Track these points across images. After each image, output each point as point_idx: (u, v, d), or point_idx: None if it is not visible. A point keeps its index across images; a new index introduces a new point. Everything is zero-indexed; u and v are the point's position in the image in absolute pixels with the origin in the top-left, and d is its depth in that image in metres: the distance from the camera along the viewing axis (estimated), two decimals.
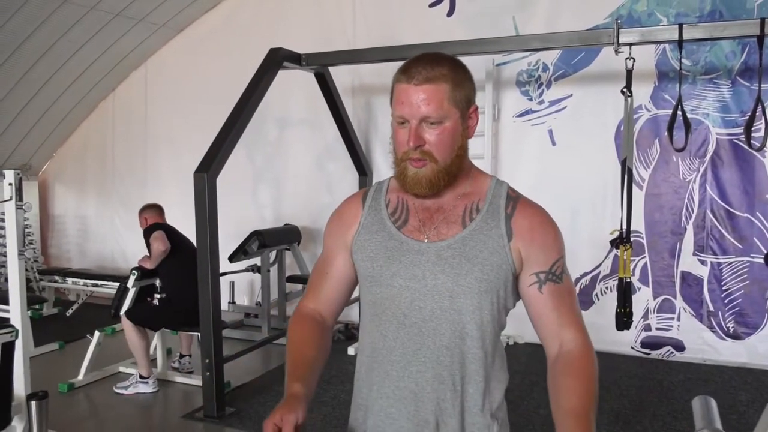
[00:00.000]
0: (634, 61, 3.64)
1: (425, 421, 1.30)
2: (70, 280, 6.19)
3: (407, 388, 1.31)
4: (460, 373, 1.30)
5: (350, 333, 5.38)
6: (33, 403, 2.26)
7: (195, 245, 3.89)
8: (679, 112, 3.59)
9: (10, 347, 2.65)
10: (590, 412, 1.19)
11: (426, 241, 1.32)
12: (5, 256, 6.33)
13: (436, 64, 1.27)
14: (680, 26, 3.59)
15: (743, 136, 4.09)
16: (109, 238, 7.31)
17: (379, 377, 1.34)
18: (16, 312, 3.04)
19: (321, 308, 1.46)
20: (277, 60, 4.42)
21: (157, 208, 4.66)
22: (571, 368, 1.26)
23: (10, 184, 2.97)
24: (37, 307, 6.17)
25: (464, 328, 1.29)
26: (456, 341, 1.29)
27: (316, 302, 1.46)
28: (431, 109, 1.25)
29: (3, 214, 6.19)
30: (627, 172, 3.73)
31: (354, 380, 1.45)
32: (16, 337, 2.70)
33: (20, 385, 3.01)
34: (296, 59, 4.62)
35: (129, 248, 6.97)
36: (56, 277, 6.29)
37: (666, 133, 3.90)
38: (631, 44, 3.69)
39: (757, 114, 3.50)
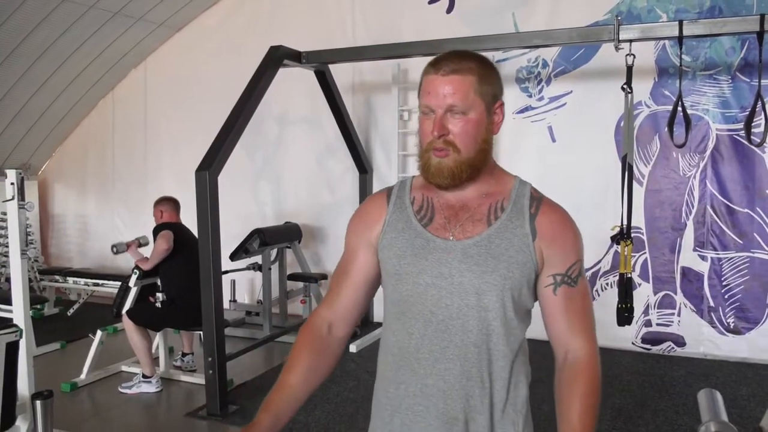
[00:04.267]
0: (634, 57, 3.64)
1: (454, 418, 1.31)
2: (70, 279, 6.20)
3: (435, 386, 1.32)
4: (487, 369, 1.31)
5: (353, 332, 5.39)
6: (38, 403, 2.26)
7: None
8: (680, 108, 3.60)
9: (14, 347, 2.66)
10: (588, 429, 1.27)
11: (452, 238, 1.32)
12: (6, 256, 6.40)
13: (464, 58, 1.30)
14: (680, 23, 3.60)
15: (743, 131, 4.10)
16: (110, 237, 7.27)
17: (407, 375, 1.35)
18: (19, 312, 3.04)
19: (332, 314, 1.45)
20: (277, 58, 4.42)
21: (173, 203, 4.62)
22: (575, 382, 1.31)
23: (12, 184, 2.97)
24: (38, 306, 6.16)
25: (490, 324, 1.30)
26: (483, 338, 1.30)
27: (329, 308, 1.46)
28: (457, 98, 1.27)
29: (3, 213, 6.27)
30: (627, 169, 3.73)
31: (376, 380, 1.45)
32: (21, 336, 2.70)
33: (24, 385, 3.02)
34: (296, 57, 4.62)
35: None
36: (57, 277, 6.30)
37: (666, 129, 3.91)
38: (631, 41, 3.70)
39: (757, 109, 3.51)
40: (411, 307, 1.34)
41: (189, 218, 4.40)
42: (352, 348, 4.96)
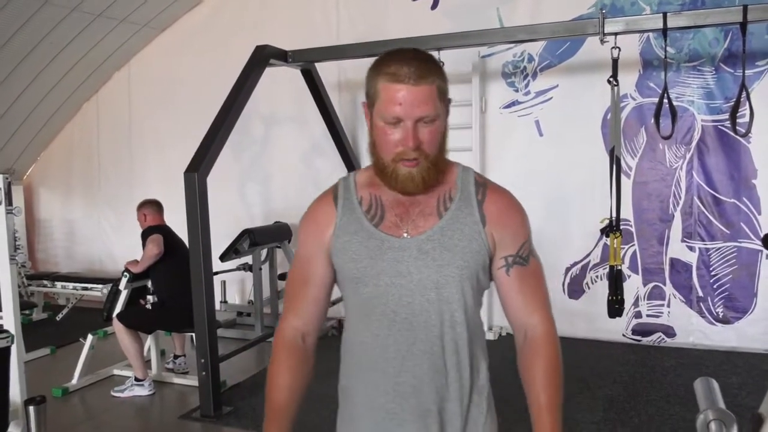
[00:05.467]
0: (619, 50, 3.67)
1: (427, 410, 1.33)
2: (58, 284, 6.16)
3: (406, 383, 1.33)
4: (453, 359, 1.34)
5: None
6: (31, 408, 2.24)
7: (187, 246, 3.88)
8: (665, 100, 3.63)
9: (5, 353, 2.63)
10: (556, 404, 1.33)
11: (406, 236, 1.33)
12: None
13: (423, 61, 1.27)
14: (664, 15, 3.63)
15: (728, 122, 4.15)
16: (97, 241, 7.25)
17: (376, 375, 1.36)
18: (9, 317, 3.01)
19: (303, 325, 1.44)
20: (263, 57, 4.41)
21: (156, 205, 4.60)
22: (535, 358, 1.35)
23: None
24: (26, 312, 6.11)
25: (452, 316, 1.33)
26: (446, 330, 1.33)
27: (299, 318, 1.44)
28: (427, 109, 1.26)
29: None
30: (615, 161, 3.76)
31: (341, 382, 1.45)
32: (12, 342, 2.68)
33: (16, 391, 2.99)
34: (282, 56, 4.61)
35: (117, 250, 6.92)
36: (45, 282, 6.26)
37: (652, 121, 3.94)
38: (616, 34, 3.73)
39: (742, 100, 3.54)
40: (374, 308, 1.34)
41: (178, 220, 4.37)
42: None
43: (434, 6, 5.41)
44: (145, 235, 4.44)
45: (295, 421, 1.43)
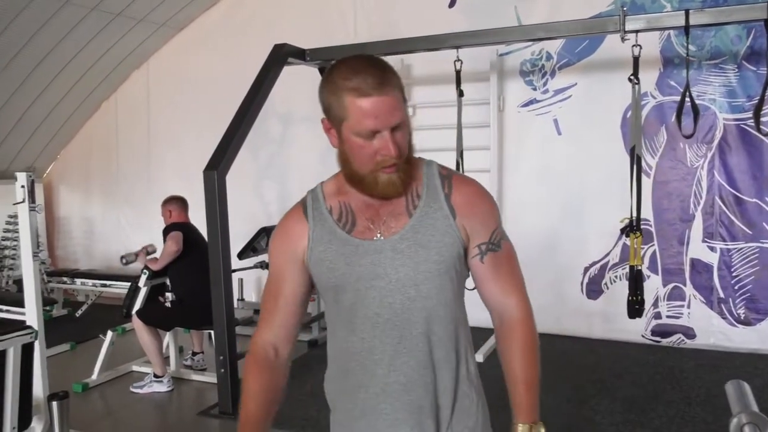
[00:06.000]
0: (640, 48, 3.63)
1: (420, 406, 1.35)
2: (78, 281, 6.21)
3: (397, 382, 1.35)
4: (439, 353, 1.36)
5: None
6: (54, 404, 2.27)
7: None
8: (687, 99, 3.59)
9: (29, 348, 2.66)
10: (533, 380, 1.35)
11: (379, 237, 1.34)
12: (13, 258, 6.40)
13: (380, 69, 1.27)
14: (687, 12, 3.59)
15: (751, 120, 4.09)
16: (115, 238, 7.30)
17: (365, 378, 1.37)
18: (32, 313, 3.04)
19: (275, 338, 1.44)
20: (281, 56, 4.42)
21: (181, 202, 4.62)
22: (512, 339, 1.37)
23: (23, 187, 2.97)
24: (47, 308, 6.17)
25: (434, 311, 1.34)
26: (429, 326, 1.34)
27: (271, 331, 1.44)
28: (399, 116, 1.27)
29: (10, 217, 6.27)
30: (636, 160, 3.73)
31: (327, 390, 1.47)
32: (36, 338, 2.71)
33: (38, 386, 3.02)
34: (300, 55, 4.62)
35: (135, 248, 6.93)
36: (64, 279, 6.31)
37: (674, 120, 3.90)
38: (637, 31, 3.69)
39: (766, 98, 3.49)
40: (356, 313, 1.35)
41: (195, 217, 4.40)
42: None
43: (452, 4, 5.40)
44: (167, 232, 4.47)
45: (266, 429, 1.43)
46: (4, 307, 4.74)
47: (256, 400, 1.42)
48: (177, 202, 4.58)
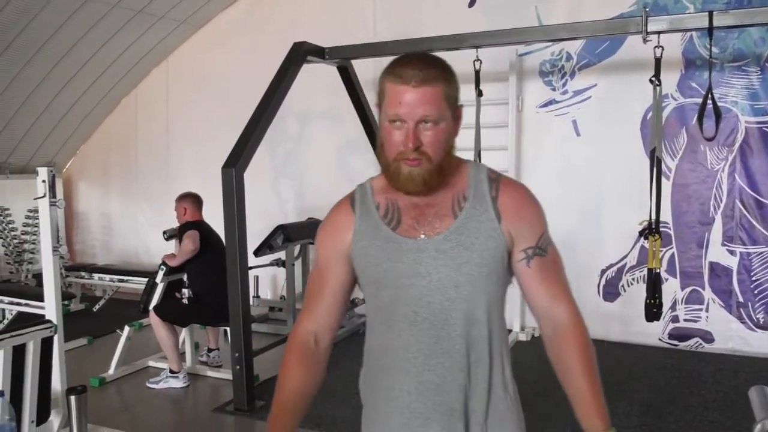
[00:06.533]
0: (662, 49, 3.59)
1: (451, 409, 1.34)
2: (96, 275, 6.27)
3: (430, 381, 1.34)
4: (475, 356, 1.35)
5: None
6: (72, 398, 2.28)
7: (223, 241, 3.92)
8: (709, 101, 3.55)
9: (48, 342, 2.69)
10: (598, 387, 1.32)
11: (423, 237, 1.35)
12: (33, 252, 6.47)
13: (430, 65, 1.29)
14: (710, 13, 3.54)
15: None
16: (133, 234, 7.37)
17: (400, 376, 1.37)
18: (51, 308, 3.07)
19: (317, 327, 1.46)
20: (300, 54, 4.43)
21: (196, 199, 4.63)
22: (567, 345, 1.36)
23: (44, 182, 3.00)
24: (65, 302, 6.22)
25: (473, 314, 1.34)
26: (467, 328, 1.34)
27: (314, 321, 1.46)
28: (429, 110, 1.27)
29: (30, 211, 6.34)
30: (656, 162, 3.69)
31: (363, 384, 1.48)
32: (55, 332, 2.73)
33: (56, 380, 3.05)
34: (320, 53, 4.62)
35: (153, 244, 7.02)
36: (82, 273, 6.37)
37: (695, 122, 3.86)
38: (659, 32, 3.65)
39: None
40: (395, 310, 1.36)
41: (213, 215, 4.42)
42: None
43: (471, 4, 5.38)
44: (182, 230, 4.50)
45: (300, 420, 1.45)
46: (24, 301, 4.79)
47: (292, 388, 1.43)
48: (192, 200, 4.60)
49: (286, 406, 1.43)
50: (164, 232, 5.04)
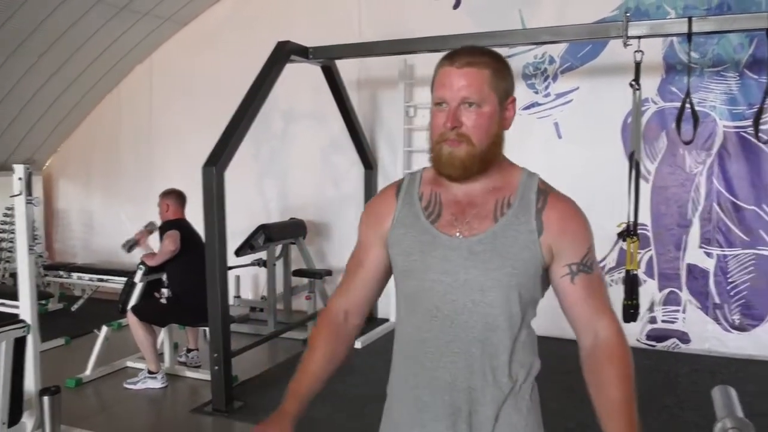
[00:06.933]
0: (642, 54, 3.63)
1: (458, 409, 1.35)
2: (75, 275, 6.20)
3: (441, 378, 1.35)
4: (490, 363, 1.34)
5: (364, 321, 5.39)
6: (45, 399, 2.27)
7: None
8: (687, 105, 3.59)
9: (21, 342, 2.66)
10: (633, 400, 1.31)
11: (458, 235, 1.34)
12: (10, 251, 6.39)
13: (479, 52, 1.33)
14: (689, 19, 3.58)
15: (751, 128, 4.09)
16: (115, 233, 7.26)
17: (416, 367, 1.39)
18: (26, 307, 3.04)
19: (348, 304, 1.51)
20: (284, 53, 4.41)
21: (180, 197, 4.59)
22: (610, 358, 1.34)
23: (20, 179, 2.97)
24: (42, 302, 6.16)
25: (495, 320, 1.33)
26: (487, 333, 1.33)
27: (346, 298, 1.51)
28: (471, 91, 1.28)
29: (8, 209, 6.26)
30: (635, 165, 3.72)
31: (391, 368, 1.50)
32: (28, 332, 2.70)
33: (30, 381, 3.02)
34: (303, 52, 4.61)
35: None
36: (61, 272, 6.30)
37: (673, 126, 3.90)
38: (640, 37, 3.68)
39: (766, 106, 3.49)
40: (419, 302, 1.37)
41: (195, 213, 4.39)
42: (357, 344, 4.95)
43: (456, 5, 5.39)
44: (164, 229, 4.46)
45: (317, 388, 1.49)
46: None
47: (318, 359, 1.48)
48: (175, 197, 4.57)
49: (309, 371, 1.47)
50: (123, 246, 4.72)
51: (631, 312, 3.72)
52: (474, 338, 1.33)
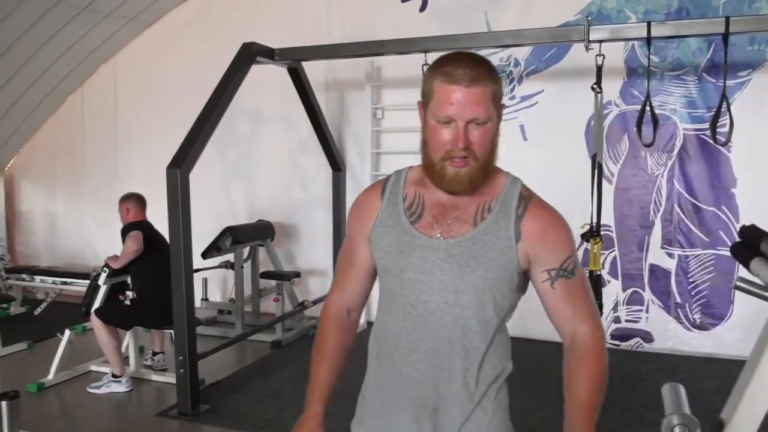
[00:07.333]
0: (604, 57, 3.69)
1: (423, 404, 1.39)
2: (38, 278, 6.09)
3: (408, 374, 1.39)
4: (460, 364, 1.36)
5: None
6: (3, 404, 2.22)
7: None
8: (648, 108, 3.66)
9: None
10: (595, 405, 1.35)
11: (438, 237, 1.37)
12: None
13: (478, 64, 1.31)
14: (648, 24, 3.66)
15: (709, 131, 4.19)
16: (79, 235, 7.19)
17: (386, 361, 1.44)
18: None
19: (348, 301, 1.56)
20: (250, 55, 4.40)
21: (139, 200, 4.54)
22: (583, 362, 1.37)
23: None
24: (4, 306, 6.04)
25: (468, 323, 1.35)
26: (458, 334, 1.36)
27: (343, 294, 1.56)
28: (479, 111, 1.28)
29: None
30: (597, 167, 3.79)
31: (367, 362, 1.53)
32: None
33: None
34: (269, 54, 4.60)
35: (99, 245, 6.88)
36: (23, 276, 6.17)
37: (635, 129, 3.98)
38: (601, 41, 3.75)
39: (723, 110, 3.59)
40: (395, 299, 1.41)
41: (160, 215, 4.35)
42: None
43: (423, 8, 5.43)
44: (126, 231, 4.41)
45: (331, 390, 1.53)
46: None
47: (331, 359, 1.52)
48: (135, 200, 4.52)
49: (325, 371, 1.51)
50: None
51: None
52: (445, 338, 1.35)
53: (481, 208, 1.37)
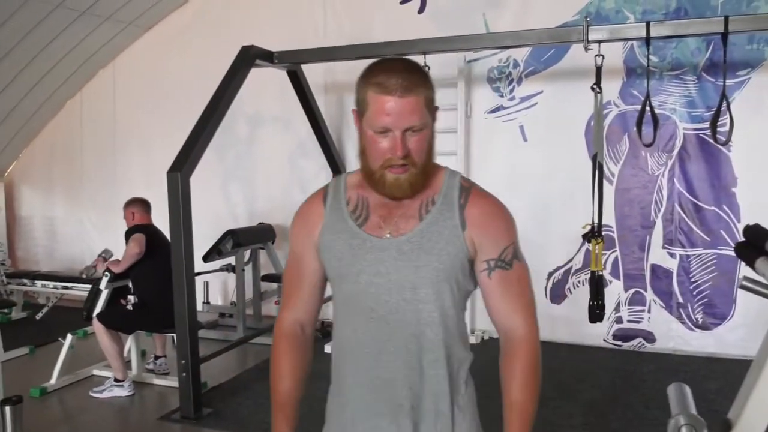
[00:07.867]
0: (603, 58, 3.70)
1: (399, 405, 1.38)
2: (39, 282, 6.09)
3: (380, 377, 1.38)
4: (427, 358, 1.37)
5: (326, 331, 5.37)
6: (7, 409, 2.22)
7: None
8: (648, 108, 3.67)
9: None
10: (528, 403, 1.36)
11: (388, 236, 1.37)
12: None
13: (410, 73, 1.31)
14: (647, 24, 3.68)
15: (709, 130, 4.20)
16: (79, 240, 7.18)
17: (353, 369, 1.42)
18: None
19: (301, 317, 1.52)
20: (249, 58, 4.40)
21: (144, 204, 4.54)
22: (514, 358, 1.38)
23: None
24: (5, 311, 6.04)
25: (429, 316, 1.36)
26: (421, 329, 1.37)
27: (295, 311, 1.52)
28: (415, 119, 1.30)
29: None
30: (598, 167, 3.79)
31: (331, 374, 1.52)
32: None
33: None
34: (268, 57, 4.60)
35: (99, 249, 6.77)
36: (24, 280, 6.17)
37: (635, 129, 3.98)
38: (600, 41, 3.76)
39: (722, 109, 3.59)
40: (354, 305, 1.40)
41: (160, 220, 4.35)
42: (327, 349, 4.94)
43: (421, 10, 5.43)
44: (129, 234, 4.41)
45: (298, 408, 1.51)
46: None
47: (291, 377, 1.50)
48: (140, 204, 4.52)
49: (284, 394, 1.50)
50: (81, 274, 4.95)
51: (597, 312, 3.78)
52: (410, 334, 1.36)
53: (425, 203, 1.38)
